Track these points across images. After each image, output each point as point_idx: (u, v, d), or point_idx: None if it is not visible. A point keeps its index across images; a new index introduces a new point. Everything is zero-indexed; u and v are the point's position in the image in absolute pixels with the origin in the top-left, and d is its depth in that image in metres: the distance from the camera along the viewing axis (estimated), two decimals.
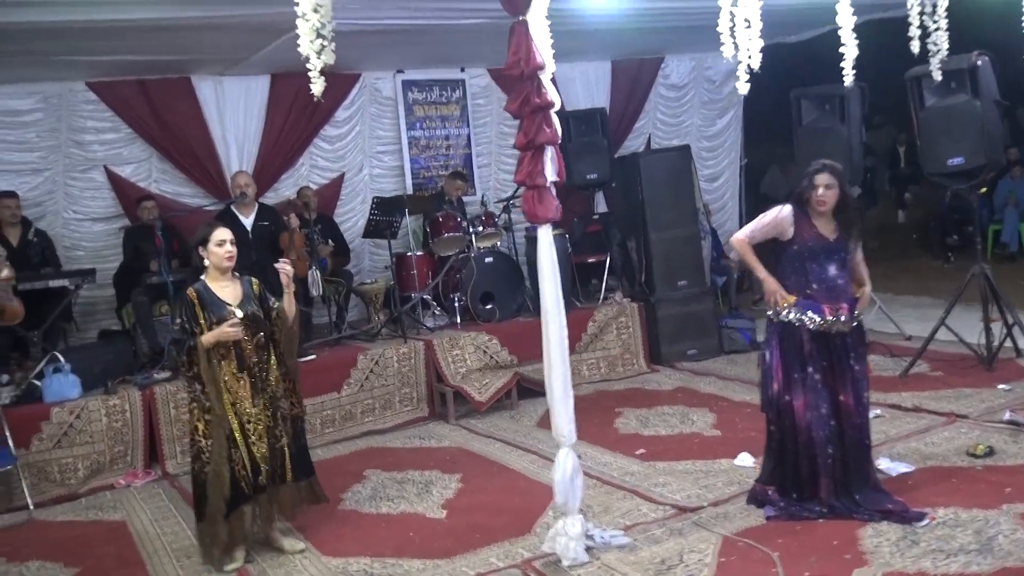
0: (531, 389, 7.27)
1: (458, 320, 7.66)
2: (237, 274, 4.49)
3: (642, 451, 5.59)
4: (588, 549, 4.01)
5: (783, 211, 4.36)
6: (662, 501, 4.68)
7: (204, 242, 4.33)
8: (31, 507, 5.46)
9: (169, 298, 6.53)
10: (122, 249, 7.31)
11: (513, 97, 3.92)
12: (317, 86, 3.55)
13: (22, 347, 6.44)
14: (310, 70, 3.55)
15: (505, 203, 8.25)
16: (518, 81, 3.88)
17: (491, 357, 7.29)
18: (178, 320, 4.36)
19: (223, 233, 4.33)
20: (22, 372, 6.25)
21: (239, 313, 4.34)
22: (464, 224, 7.89)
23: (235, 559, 4.37)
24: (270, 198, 7.98)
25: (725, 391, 6.87)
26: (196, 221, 7.49)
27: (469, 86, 9.31)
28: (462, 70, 9.26)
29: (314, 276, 7.13)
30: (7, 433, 5.53)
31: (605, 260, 8.31)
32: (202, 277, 4.40)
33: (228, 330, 4.22)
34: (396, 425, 6.84)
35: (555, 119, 3.90)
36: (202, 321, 4.28)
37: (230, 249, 4.34)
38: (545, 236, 3.96)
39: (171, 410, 6.16)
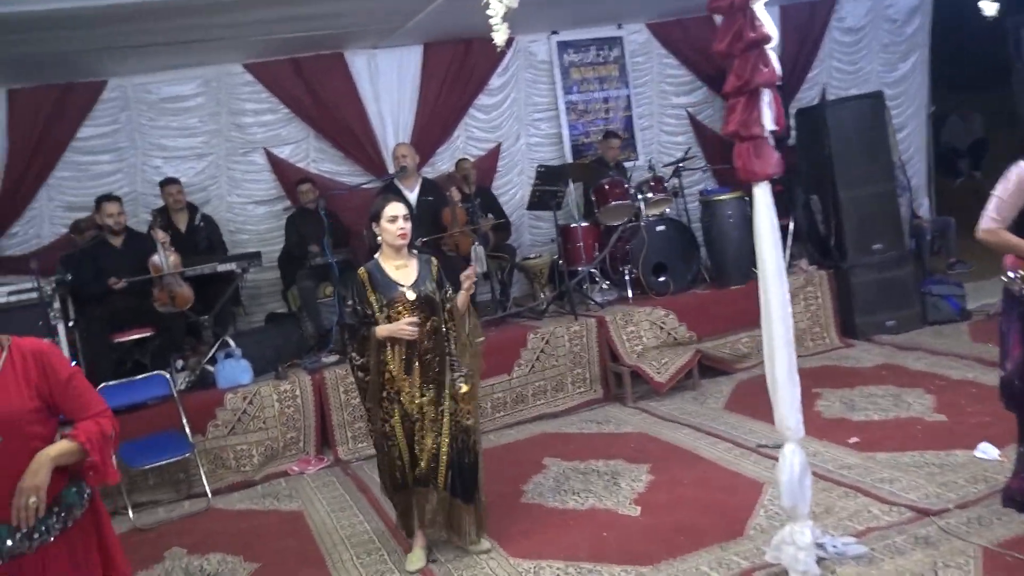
0: (712, 367, 6.73)
1: (629, 294, 7.15)
2: (414, 252, 4.15)
3: (855, 439, 4.93)
4: (819, 560, 3.45)
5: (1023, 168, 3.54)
6: (894, 501, 4.03)
7: (376, 218, 4.00)
8: (209, 495, 5.38)
9: (333, 279, 6.34)
10: (285, 232, 7.20)
11: (721, 34, 3.34)
12: (500, 34, 3.13)
13: (195, 332, 6.41)
14: (491, 17, 3.10)
15: (675, 166, 7.65)
16: (727, 13, 3.29)
17: (668, 334, 6.75)
18: (349, 303, 4.06)
19: (396, 208, 3.98)
20: (196, 358, 6.22)
21: (411, 295, 3.99)
22: (631, 191, 7.35)
23: (418, 556, 4.07)
24: (427, 173, 7.69)
25: (939, 368, 6.06)
26: (356, 200, 7.35)
27: (627, 43, 8.71)
28: (619, 27, 8.66)
29: (477, 252, 6.79)
30: (184, 420, 5.46)
31: (788, 224, 7.58)
32: (375, 256, 4.07)
33: (405, 328, 3.89)
34: (569, 408, 6.43)
35: (773, 57, 3.30)
36: (373, 303, 3.97)
37: (403, 226, 3.98)
38: (764, 196, 3.38)
39: (341, 395, 5.96)
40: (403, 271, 4.04)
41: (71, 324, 5.91)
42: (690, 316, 6.85)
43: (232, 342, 6.07)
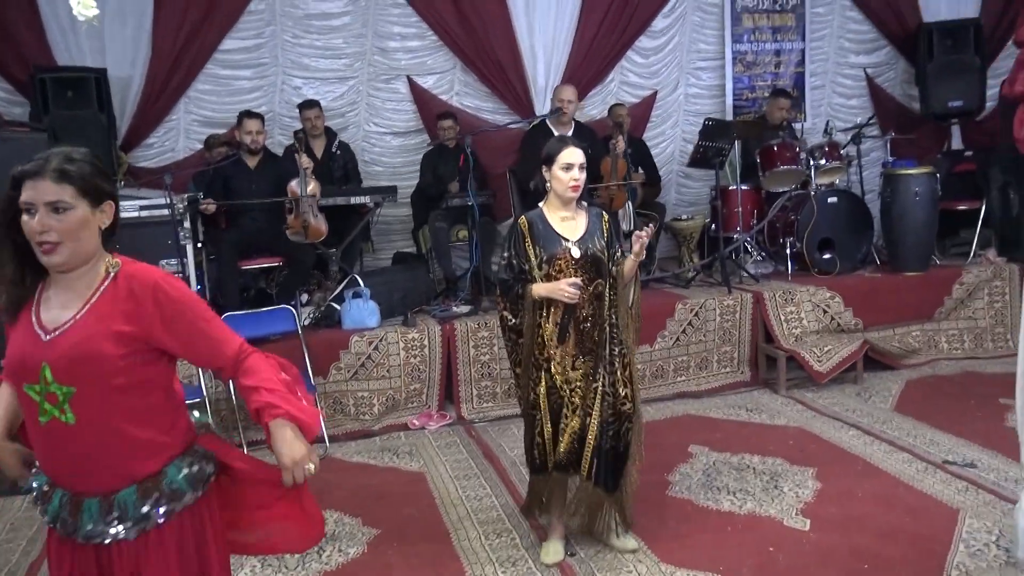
0: (876, 361, 6.02)
1: (788, 269, 6.46)
2: (584, 204, 3.62)
3: None
4: None
5: None
6: None
7: (549, 161, 3.47)
8: (327, 442, 5.06)
9: (472, 223, 5.88)
10: (421, 169, 6.77)
11: None
12: None
13: (322, 266, 6.09)
14: None
15: (855, 131, 6.84)
16: None
17: (832, 318, 6.06)
18: (504, 254, 3.56)
19: (573, 155, 3.44)
20: (321, 293, 5.90)
21: (575, 252, 3.47)
22: (802, 156, 6.60)
23: (555, 549, 3.61)
24: (576, 118, 7.11)
25: None
26: (499, 140, 6.87)
27: None
28: None
29: (627, 209, 6.22)
30: (307, 360, 5.13)
31: (979, 208, 6.70)
32: (540, 205, 3.56)
33: (565, 289, 3.37)
34: (713, 388, 5.86)
35: None
36: (531, 257, 3.47)
37: (576, 176, 3.45)
38: None
39: (470, 349, 5.54)
40: (569, 224, 3.52)
41: (200, 245, 5.65)
42: (857, 301, 6.13)
43: (361, 281, 5.71)
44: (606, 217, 3.59)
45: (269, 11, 6.80)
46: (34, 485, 2.01)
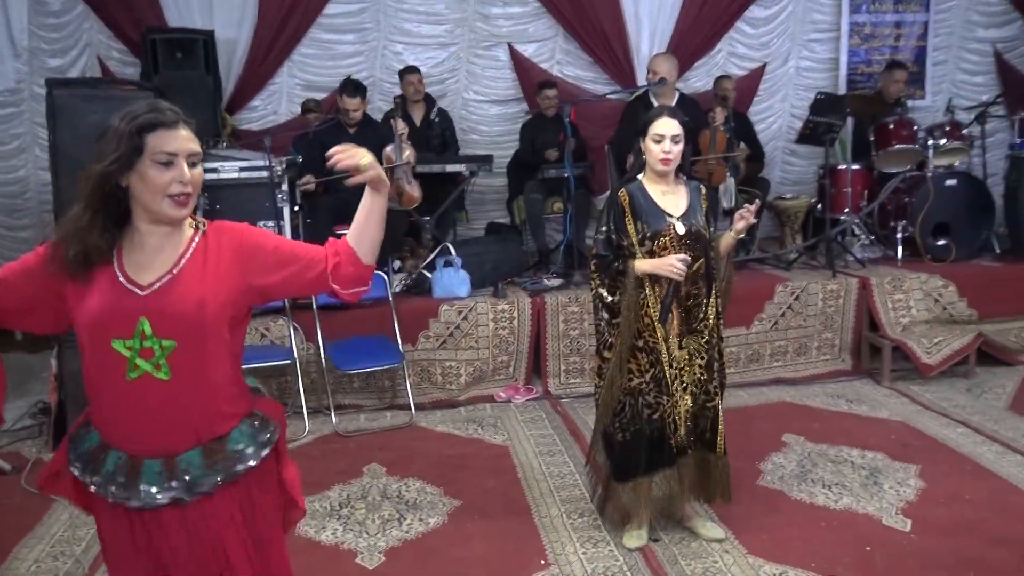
0: (991, 355, 5.67)
1: (898, 255, 6.13)
2: (683, 176, 3.47)
3: None
4: None
5: None
6: None
7: (643, 131, 3.33)
8: (413, 409, 5.06)
9: (567, 195, 5.77)
10: (519, 138, 6.68)
11: None
12: None
13: (415, 234, 6.08)
14: None
15: (981, 110, 6.41)
16: None
17: (944, 308, 5.73)
18: (603, 228, 3.43)
19: (666, 125, 3.28)
20: (413, 260, 5.89)
21: (680, 228, 3.32)
22: (920, 135, 6.23)
23: (638, 534, 3.51)
24: (680, 88, 6.88)
25: None
26: (600, 111, 6.72)
27: None
28: None
29: (727, 185, 6.00)
30: (396, 327, 5.13)
31: None
32: (639, 177, 3.42)
33: (674, 265, 3.22)
34: (811, 376, 5.62)
35: None
36: (632, 233, 3.34)
37: (668, 149, 3.28)
38: None
39: (560, 324, 5.44)
40: (671, 199, 3.37)
41: (296, 208, 5.70)
42: (973, 291, 5.78)
43: (453, 250, 5.67)
44: (704, 191, 3.44)
45: None
46: (84, 448, 1.96)
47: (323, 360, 4.98)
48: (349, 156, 1.91)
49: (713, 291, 3.44)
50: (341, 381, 5.19)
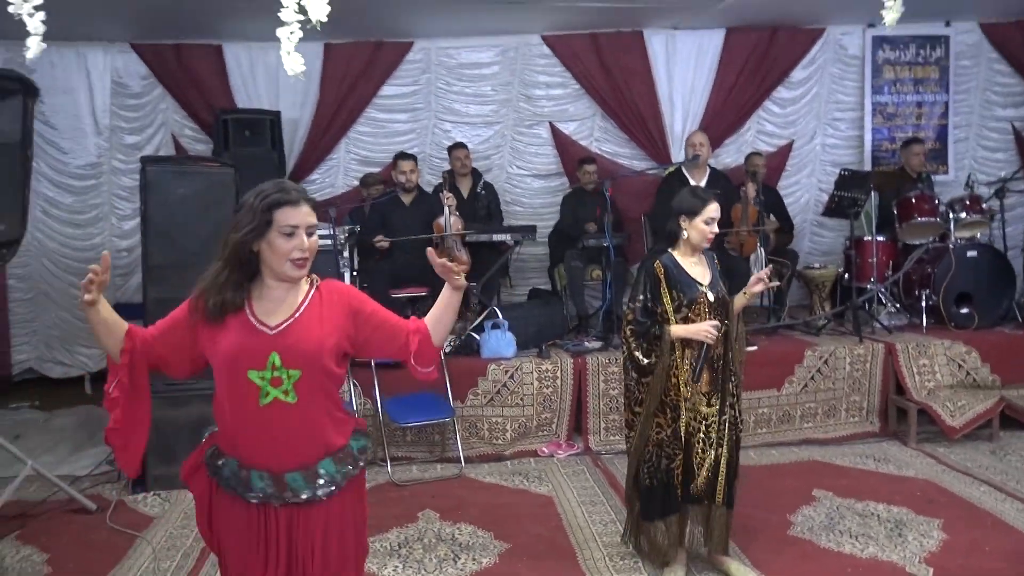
0: (1015, 419, 5.90)
1: (923, 322, 6.42)
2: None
3: None
4: None
5: None
6: None
7: (692, 214, 3.69)
8: (462, 461, 5.40)
9: (606, 263, 6.16)
10: (560, 210, 7.12)
11: None
12: (892, 12, 2.76)
13: (464, 298, 6.45)
14: None
15: (999, 185, 6.76)
16: None
17: (967, 373, 6.00)
18: (640, 297, 3.78)
19: (716, 210, 3.68)
20: (461, 323, 6.28)
21: (711, 296, 3.70)
22: (941, 208, 6.58)
23: (675, 571, 3.80)
24: (711, 164, 7.31)
25: None
26: (635, 185, 7.16)
27: (953, 43, 7.82)
28: (946, 24, 7.79)
29: (759, 255, 6.36)
30: (448, 385, 5.51)
31: None
32: (670, 250, 3.79)
33: (709, 331, 3.60)
34: (840, 437, 5.89)
35: None
36: (666, 301, 3.70)
37: (715, 230, 3.69)
38: None
39: (600, 383, 5.79)
40: (699, 269, 3.76)
41: (355, 274, 6.15)
42: (995, 357, 6.05)
43: (499, 313, 6.07)
44: (716, 258, 3.83)
45: (425, 60, 7.36)
46: (224, 474, 2.35)
47: (380, 414, 5.36)
48: (455, 268, 2.35)
49: (731, 351, 3.78)
50: (395, 434, 5.55)
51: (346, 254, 5.88)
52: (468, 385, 5.69)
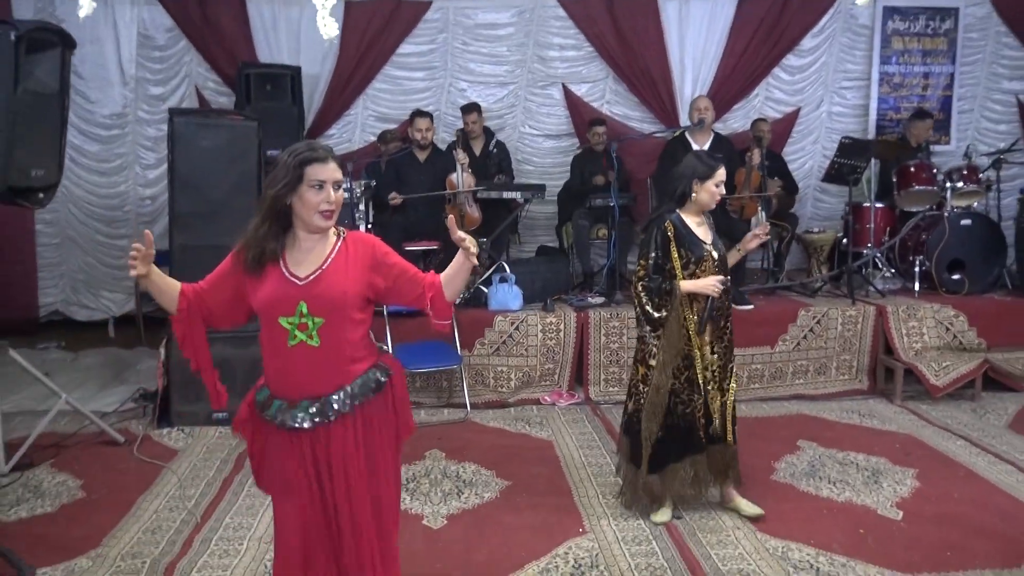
0: (997, 382, 6.16)
1: (915, 287, 6.66)
2: None
3: None
4: None
5: None
6: None
7: (703, 178, 3.91)
8: (468, 407, 5.71)
9: (612, 222, 6.41)
10: (570, 170, 7.35)
11: None
12: None
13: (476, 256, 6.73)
14: None
15: (996, 156, 6.95)
16: None
17: (954, 336, 6.25)
18: (652, 255, 3.97)
19: (723, 174, 3.93)
20: (472, 277, 6.54)
21: (715, 254, 3.96)
22: (939, 177, 6.78)
23: (664, 512, 4.10)
24: (719, 129, 7.51)
25: None
26: (644, 147, 7.37)
27: (963, 16, 7.98)
28: None
29: (759, 218, 6.59)
30: (456, 334, 5.80)
31: None
32: (678, 210, 4.03)
33: (715, 285, 3.86)
34: (829, 394, 6.16)
35: None
36: (675, 258, 3.94)
37: (721, 192, 3.95)
38: None
39: (602, 337, 6.07)
40: (703, 229, 4.00)
41: (369, 227, 6.41)
42: (982, 322, 6.30)
43: (507, 268, 6.33)
44: (710, 219, 4.09)
45: (443, 20, 7.56)
46: (259, 400, 2.66)
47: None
48: (469, 241, 2.56)
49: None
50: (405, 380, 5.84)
51: (362, 207, 6.14)
52: (475, 335, 5.99)
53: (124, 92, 7.52)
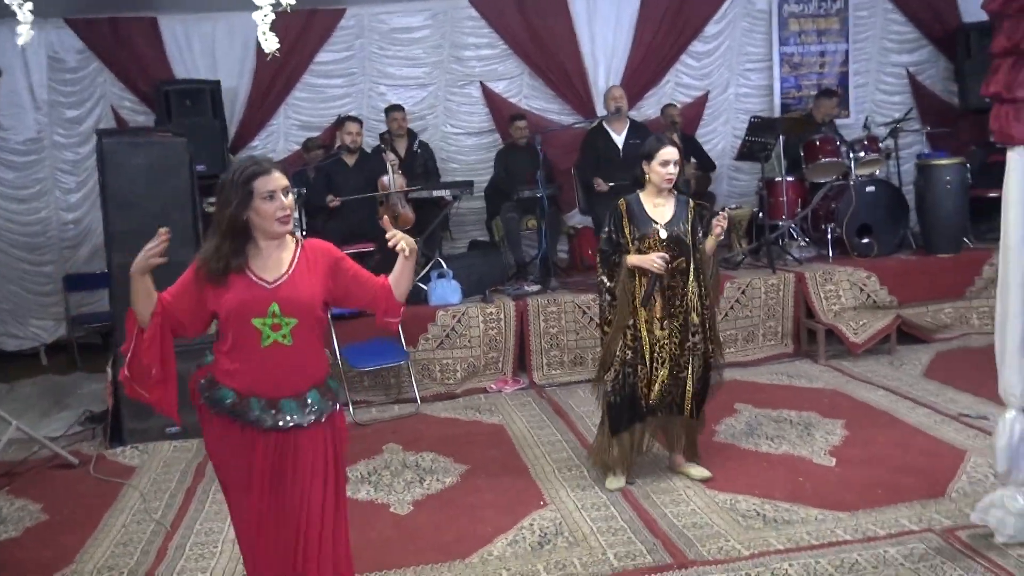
0: (910, 335, 6.61)
1: (829, 253, 7.07)
2: (674, 192, 4.32)
3: None
4: None
5: None
6: None
7: (649, 157, 4.16)
8: (418, 400, 5.86)
9: (540, 213, 6.62)
10: (494, 166, 7.54)
11: None
12: None
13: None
14: None
15: (892, 126, 7.41)
16: None
17: (868, 296, 6.66)
18: (606, 229, 4.25)
19: (670, 153, 4.13)
20: None
21: (663, 233, 4.17)
22: (843, 149, 7.20)
23: (617, 479, 4.33)
24: (633, 116, 7.80)
25: None
26: (565, 138, 7.60)
27: None
28: None
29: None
30: (401, 332, 5.93)
31: None
32: (638, 191, 4.28)
33: (655, 261, 4.09)
34: (759, 359, 6.51)
35: None
36: (627, 233, 4.19)
37: (672, 171, 4.15)
38: (1018, 161, 3.32)
39: (540, 323, 6.29)
40: (660, 209, 4.22)
41: (304, 234, 6.48)
42: (892, 280, 6.73)
43: (444, 263, 6.49)
44: (692, 204, 4.30)
45: (358, 26, 7.67)
46: (227, 402, 2.71)
47: (339, 361, 5.76)
48: (403, 239, 2.73)
49: (697, 284, 4.25)
50: (353, 380, 5.96)
51: (295, 215, 6.20)
52: (419, 331, 6.13)
53: (37, 117, 7.41)
